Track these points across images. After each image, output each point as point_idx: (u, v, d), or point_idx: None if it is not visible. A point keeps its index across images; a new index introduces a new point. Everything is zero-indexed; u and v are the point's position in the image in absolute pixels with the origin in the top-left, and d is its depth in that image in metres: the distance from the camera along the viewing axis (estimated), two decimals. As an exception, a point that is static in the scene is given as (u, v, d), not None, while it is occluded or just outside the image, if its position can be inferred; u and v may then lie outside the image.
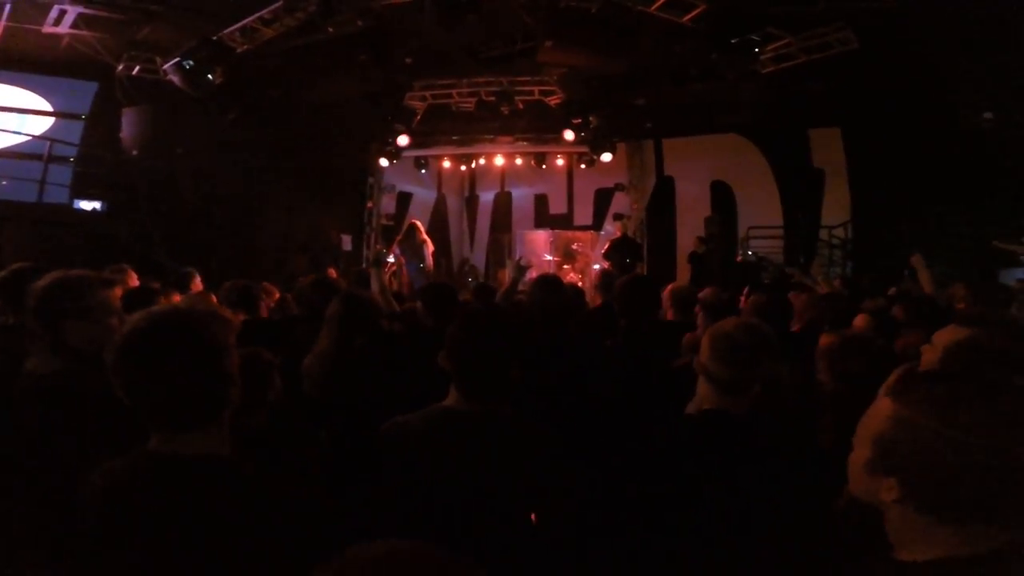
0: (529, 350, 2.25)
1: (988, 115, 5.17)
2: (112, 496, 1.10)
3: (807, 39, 5.28)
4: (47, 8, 5.11)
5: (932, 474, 0.81)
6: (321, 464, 1.93)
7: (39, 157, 6.98)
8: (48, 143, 7.01)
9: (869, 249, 8.07)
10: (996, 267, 5.96)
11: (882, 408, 0.89)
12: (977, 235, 6.02)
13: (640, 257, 9.29)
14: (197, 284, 4.86)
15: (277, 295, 4.51)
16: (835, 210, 8.88)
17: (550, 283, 3.01)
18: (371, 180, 11.52)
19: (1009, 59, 4.90)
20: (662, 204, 10.64)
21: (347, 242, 10.37)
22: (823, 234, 9.06)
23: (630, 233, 9.70)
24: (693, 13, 5.52)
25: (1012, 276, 6.11)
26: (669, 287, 3.62)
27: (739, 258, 9.18)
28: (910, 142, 6.69)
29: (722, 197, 10.08)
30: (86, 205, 7.47)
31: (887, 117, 6.93)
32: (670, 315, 3.49)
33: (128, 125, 6.91)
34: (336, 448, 2.12)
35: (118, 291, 2.33)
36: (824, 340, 2.60)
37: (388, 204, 11.91)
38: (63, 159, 7.18)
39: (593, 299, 4.81)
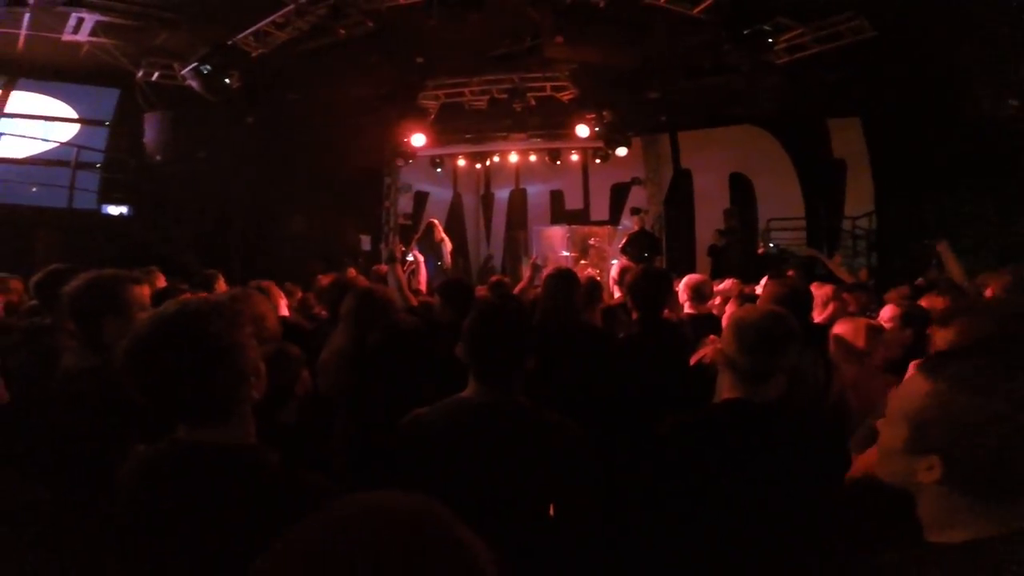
0: (544, 344, 2.29)
1: (1014, 102, 4.96)
2: (142, 481, 1.14)
3: (820, 28, 5.14)
4: (65, 17, 5.28)
5: (977, 450, 0.77)
6: (343, 459, 1.97)
7: (67, 164, 7.24)
8: (75, 149, 7.26)
9: (894, 239, 7.84)
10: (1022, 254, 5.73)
11: (916, 386, 0.85)
12: (1003, 222, 5.80)
13: (658, 250, 9.18)
14: (221, 285, 5.01)
15: (300, 295, 4.62)
16: (858, 201, 8.66)
17: (564, 277, 2.98)
18: (388, 180, 11.63)
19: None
20: (679, 197, 10.51)
21: (366, 242, 10.52)
22: (846, 225, 8.83)
23: (647, 227, 9.60)
24: (703, 4, 5.42)
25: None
26: (684, 279, 3.59)
27: (760, 250, 9.01)
28: (931, 130, 6.47)
29: (741, 189, 9.91)
30: (113, 210, 7.73)
31: (907, 106, 6.72)
32: (688, 307, 3.47)
33: (150, 131, 7.12)
34: (352, 444, 2.17)
35: (147, 289, 2.45)
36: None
37: (405, 204, 12.03)
38: (90, 165, 7.44)
39: (612, 294, 4.77)
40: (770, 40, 5.21)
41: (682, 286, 3.52)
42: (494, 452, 1.57)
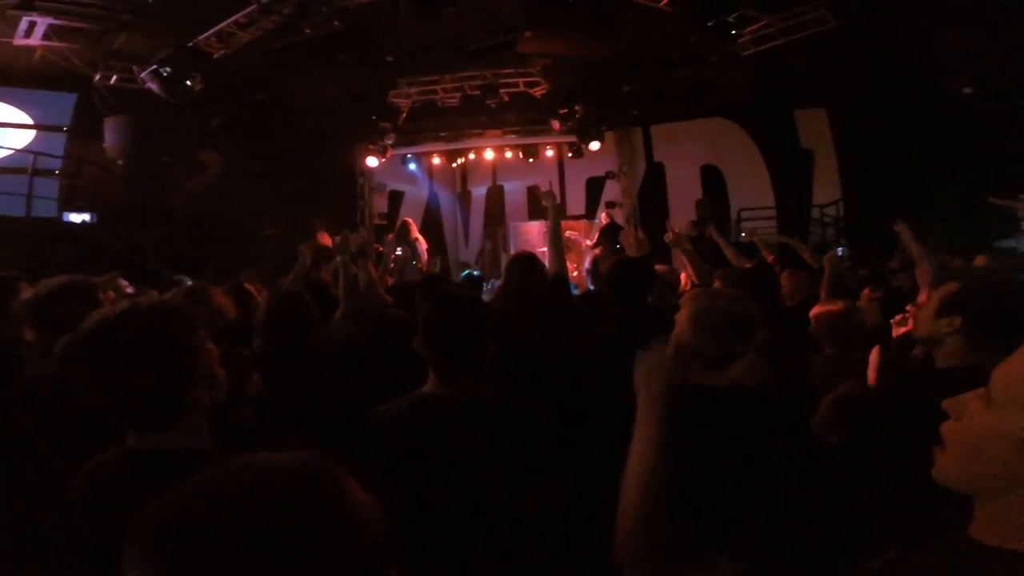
0: (508, 335, 2.25)
1: (968, 90, 5.12)
2: (93, 492, 1.10)
3: (785, 19, 5.24)
4: (16, 20, 5.05)
5: None
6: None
7: (24, 171, 6.96)
8: (32, 156, 6.99)
9: (862, 226, 8.06)
10: (990, 238, 5.94)
11: None
12: (967, 205, 6.00)
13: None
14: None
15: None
16: (825, 189, 8.88)
17: (525, 261, 2.81)
18: (361, 180, 11.49)
19: (985, 31, 4.86)
20: (653, 190, 10.63)
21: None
22: (815, 213, 9.04)
23: (619, 220, 9.67)
24: (669, -3, 5.46)
25: (1006, 246, 6.10)
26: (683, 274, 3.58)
27: (733, 240, 9.17)
28: (895, 118, 6.66)
29: (713, 181, 10.07)
30: (75, 217, 7.46)
31: (870, 95, 6.90)
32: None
33: (111, 135, 6.88)
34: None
35: (110, 295, 2.37)
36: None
37: (380, 203, 11.90)
38: (49, 172, 7.16)
39: (584, 286, 4.75)
40: (734, 31, 5.28)
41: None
42: (459, 445, 1.56)
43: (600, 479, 1.74)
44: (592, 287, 4.84)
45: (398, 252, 7.87)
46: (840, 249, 7.00)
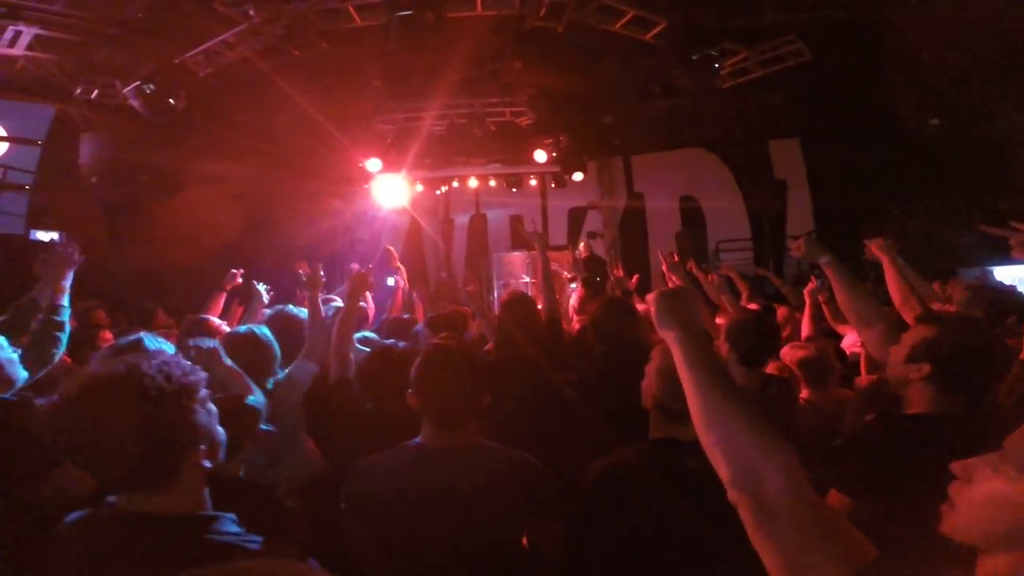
0: (502, 378, 2.22)
1: (934, 121, 5.42)
2: (74, 550, 1.03)
3: (762, 52, 5.50)
4: (2, 30, 4.96)
5: None
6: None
7: (-8, 185, 6.72)
8: (2, 170, 6.75)
9: (834, 255, 8.28)
10: (956, 266, 6.17)
11: None
12: (934, 235, 6.24)
13: (606, 274, 9.36)
14: (160, 319, 4.71)
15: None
16: (799, 220, 9.14)
17: (519, 302, 2.83)
18: (342, 205, 11.43)
19: (950, 66, 5.18)
20: (633, 221, 10.82)
21: (320, 270, 10.17)
22: (789, 243, 9.26)
23: (599, 251, 9.81)
24: (655, 30, 5.68)
25: (970, 275, 6.33)
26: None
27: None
28: (864, 149, 6.97)
29: (691, 212, 10.31)
30: (43, 235, 7.17)
31: (841, 126, 7.23)
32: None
33: (87, 151, 6.72)
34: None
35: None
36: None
37: (362, 230, 11.81)
38: (18, 187, 6.91)
39: (571, 320, 4.69)
40: (716, 65, 5.50)
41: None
42: (458, 498, 1.53)
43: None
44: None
45: (390, 282, 7.76)
46: (820, 281, 7.19)
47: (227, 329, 2.94)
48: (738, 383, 2.05)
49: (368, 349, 2.71)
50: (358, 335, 3.01)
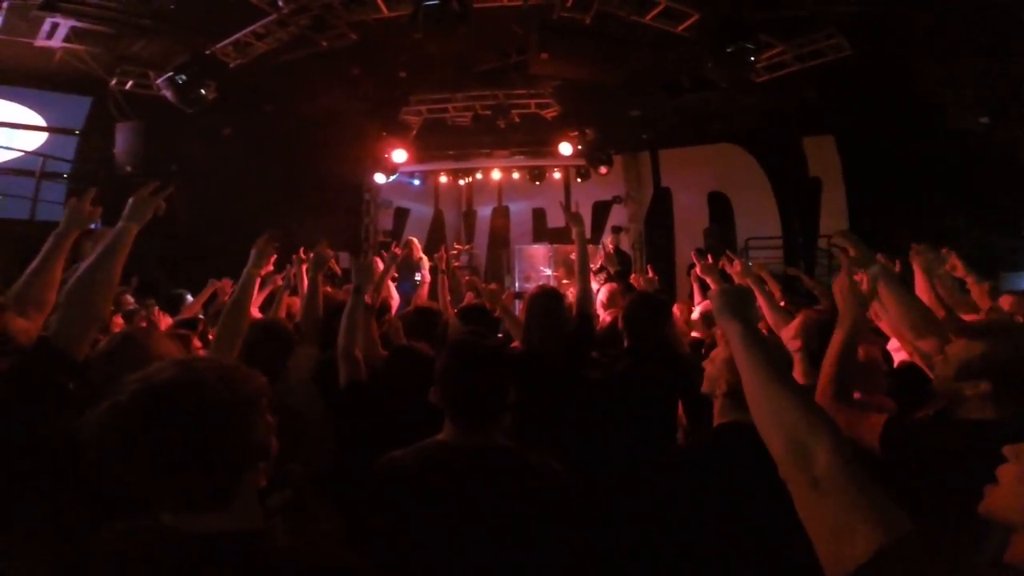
0: (529, 373, 2.17)
1: (984, 119, 5.15)
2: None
3: (800, 46, 5.28)
4: (39, 21, 5.09)
5: None
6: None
7: (31, 173, 6.94)
8: (41, 159, 6.98)
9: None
10: (999, 270, 5.90)
11: None
12: (977, 237, 5.96)
13: (631, 270, 9.23)
14: (189, 305, 4.82)
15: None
16: (833, 219, 8.84)
17: (548, 298, 2.73)
18: (367, 196, 11.51)
19: (998, 61, 4.90)
20: (660, 216, 10.63)
21: (344, 259, 10.28)
22: (822, 243, 8.99)
23: (624, 246, 9.67)
24: (687, 23, 5.52)
25: (1014, 278, 6.05)
26: (700, 305, 3.56)
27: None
28: (904, 147, 6.68)
29: (720, 208, 10.07)
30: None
31: (880, 123, 6.94)
32: (699, 334, 3.40)
33: (121, 141, 6.89)
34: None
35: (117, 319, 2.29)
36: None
37: (385, 220, 11.90)
38: (57, 175, 7.14)
39: (599, 316, 4.65)
40: (752, 58, 5.32)
41: (696, 311, 3.52)
42: (478, 499, 1.50)
43: (623, 532, 1.69)
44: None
45: (416, 278, 7.82)
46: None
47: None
48: (805, 381, 2.01)
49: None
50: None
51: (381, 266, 3.79)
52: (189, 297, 5.19)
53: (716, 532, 1.52)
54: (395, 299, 5.00)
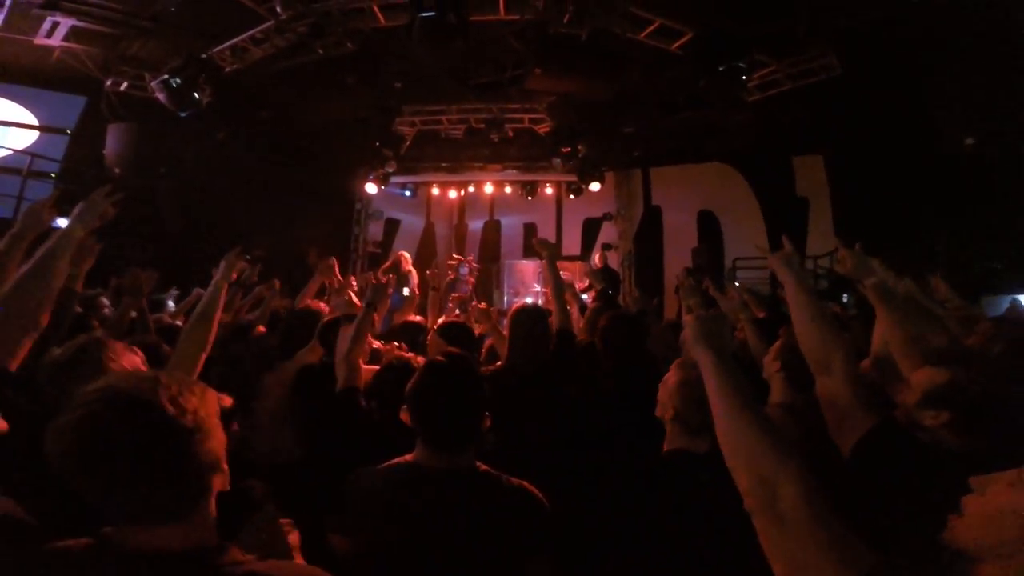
0: (509, 392, 2.15)
1: (970, 140, 5.27)
2: None
3: (792, 65, 5.41)
4: (40, 20, 5.07)
5: None
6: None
7: (19, 172, 6.84)
8: (29, 158, 6.88)
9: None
10: (983, 292, 5.98)
11: None
12: (963, 259, 6.06)
13: (618, 288, 9.26)
14: (172, 312, 4.73)
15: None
16: (820, 239, 8.96)
17: (532, 315, 2.73)
18: (358, 206, 11.50)
19: (988, 82, 5.04)
20: (649, 234, 10.72)
21: (334, 265, 10.18)
22: (808, 264, 9.10)
23: (613, 263, 9.73)
24: (681, 40, 5.64)
25: (995, 302, 6.13)
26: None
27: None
28: (892, 168, 6.80)
29: (709, 227, 10.17)
30: (64, 223, 7.28)
31: (868, 144, 7.07)
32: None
33: (112, 142, 6.83)
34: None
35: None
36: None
37: (375, 231, 11.87)
38: (44, 175, 7.04)
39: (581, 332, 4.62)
40: (744, 77, 5.43)
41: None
42: (450, 523, 1.45)
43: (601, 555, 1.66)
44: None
45: (404, 292, 7.76)
46: (845, 296, 6.97)
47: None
48: (785, 400, 2.09)
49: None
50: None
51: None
52: (171, 304, 5.10)
53: (660, 561, 1.52)
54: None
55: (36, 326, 1.57)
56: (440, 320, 3.78)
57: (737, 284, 9.22)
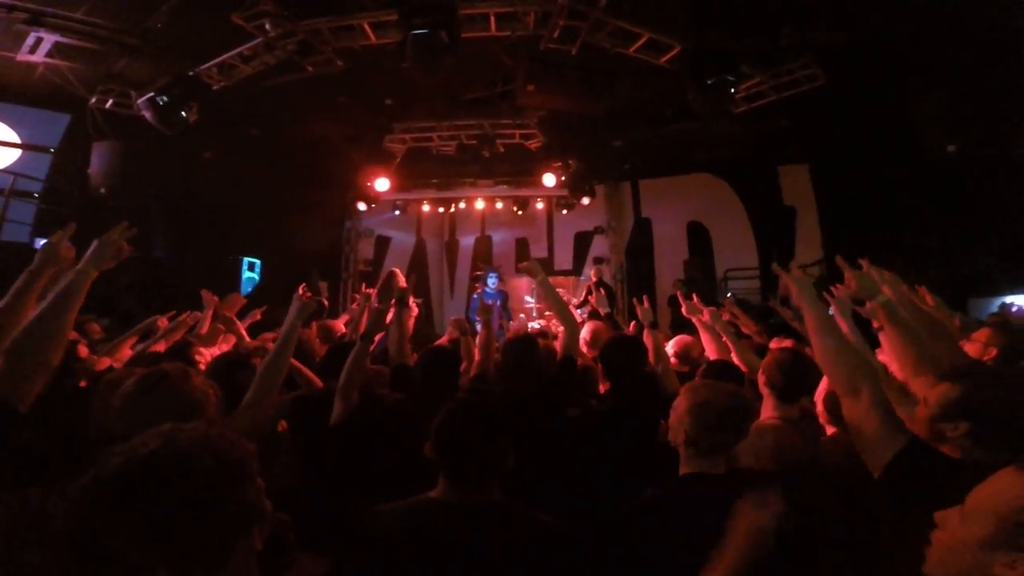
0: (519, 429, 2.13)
1: (951, 147, 5.38)
2: None
3: (777, 76, 5.50)
4: (23, 35, 5.00)
5: None
6: None
7: (0, 192, 6.70)
8: (11, 177, 6.75)
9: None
10: (969, 295, 6.06)
11: (1009, 484, 0.91)
12: (948, 263, 6.14)
13: (614, 302, 9.25)
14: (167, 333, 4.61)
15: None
16: (808, 247, 9.07)
17: (522, 343, 2.74)
18: (349, 224, 11.44)
19: (969, 90, 5.17)
20: (640, 246, 10.76)
21: (324, 289, 10.08)
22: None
23: (606, 277, 9.73)
24: (670, 54, 5.72)
25: (982, 305, 6.21)
26: (674, 339, 3.55)
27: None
28: (876, 176, 6.91)
29: (699, 238, 10.24)
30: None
31: (852, 152, 7.20)
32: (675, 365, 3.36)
33: (97, 161, 6.73)
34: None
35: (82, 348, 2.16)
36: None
37: (366, 248, 11.80)
38: (27, 194, 6.90)
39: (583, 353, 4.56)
40: (732, 89, 5.51)
41: (671, 345, 3.49)
42: (477, 558, 1.44)
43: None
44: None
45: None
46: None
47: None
48: (774, 414, 2.23)
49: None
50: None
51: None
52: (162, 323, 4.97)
53: None
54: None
55: (49, 366, 1.55)
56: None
57: (729, 295, 9.32)
